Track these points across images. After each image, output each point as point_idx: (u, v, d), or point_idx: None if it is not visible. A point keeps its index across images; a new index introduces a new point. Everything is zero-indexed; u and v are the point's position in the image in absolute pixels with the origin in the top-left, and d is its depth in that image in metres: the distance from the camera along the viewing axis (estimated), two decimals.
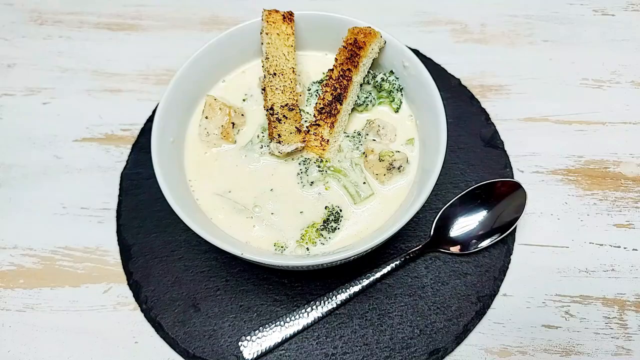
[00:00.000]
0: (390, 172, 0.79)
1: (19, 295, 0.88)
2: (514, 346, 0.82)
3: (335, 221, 0.76)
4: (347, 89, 0.80)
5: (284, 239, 0.75)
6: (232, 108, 0.83)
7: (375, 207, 0.78)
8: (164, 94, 0.79)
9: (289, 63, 0.82)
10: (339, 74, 0.81)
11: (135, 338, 0.84)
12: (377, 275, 0.84)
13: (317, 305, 0.83)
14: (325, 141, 0.79)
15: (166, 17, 1.18)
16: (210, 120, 0.82)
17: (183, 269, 0.88)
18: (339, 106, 0.80)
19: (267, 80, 0.80)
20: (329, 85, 0.81)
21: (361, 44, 0.81)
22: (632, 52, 1.08)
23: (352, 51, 0.81)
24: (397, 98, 0.85)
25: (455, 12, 1.15)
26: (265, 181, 0.80)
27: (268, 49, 0.81)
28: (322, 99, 0.80)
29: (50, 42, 1.16)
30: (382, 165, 0.78)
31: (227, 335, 0.83)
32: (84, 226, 0.93)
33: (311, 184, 0.78)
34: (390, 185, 0.79)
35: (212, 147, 0.82)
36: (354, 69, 0.80)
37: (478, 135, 0.98)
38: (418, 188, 0.75)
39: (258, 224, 0.76)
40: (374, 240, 0.69)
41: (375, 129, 0.82)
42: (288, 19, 0.83)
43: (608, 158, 0.97)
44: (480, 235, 0.86)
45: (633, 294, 0.85)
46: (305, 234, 0.75)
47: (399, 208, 0.77)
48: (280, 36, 0.82)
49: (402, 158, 0.78)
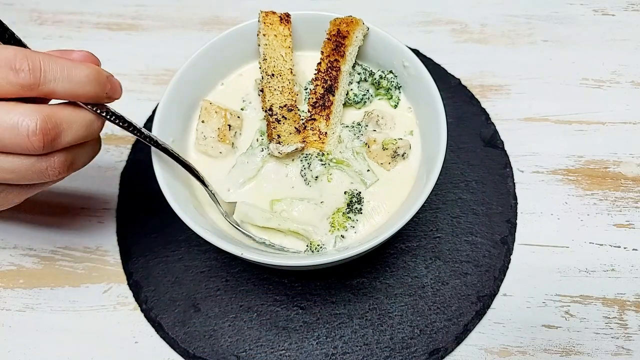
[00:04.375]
0: (394, 159, 0.79)
1: (19, 295, 0.88)
2: (514, 346, 0.82)
3: (358, 202, 0.76)
4: (337, 79, 0.81)
5: (315, 235, 0.75)
6: (227, 111, 0.83)
7: (388, 189, 0.79)
8: (164, 93, 0.79)
9: (286, 64, 0.82)
10: (327, 65, 0.81)
11: (135, 338, 0.84)
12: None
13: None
14: (324, 134, 0.79)
15: (166, 17, 1.18)
16: (207, 124, 0.82)
17: (183, 269, 0.88)
18: (331, 97, 0.80)
19: (265, 82, 0.80)
20: (319, 79, 0.81)
21: (345, 34, 0.81)
22: (632, 52, 1.08)
23: (337, 42, 0.81)
24: (395, 96, 0.85)
25: (455, 12, 1.15)
26: (273, 184, 0.80)
27: (266, 50, 0.82)
28: (314, 93, 0.81)
29: (50, 42, 1.15)
30: (386, 153, 0.79)
31: (227, 335, 0.83)
32: (84, 226, 0.93)
33: (316, 179, 0.78)
34: (396, 171, 0.80)
35: (210, 151, 0.82)
36: (341, 58, 0.81)
37: (478, 135, 0.98)
38: (417, 188, 0.75)
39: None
40: (373, 240, 0.69)
41: (374, 119, 0.82)
42: (285, 20, 0.83)
43: (608, 158, 0.96)
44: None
45: (633, 294, 0.85)
46: (333, 220, 0.75)
47: (411, 190, 0.78)
48: (278, 37, 0.82)
49: (405, 145, 0.79)
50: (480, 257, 0.87)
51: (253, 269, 0.87)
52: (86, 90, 0.59)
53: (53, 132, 0.57)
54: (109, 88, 0.62)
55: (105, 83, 0.61)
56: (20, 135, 0.55)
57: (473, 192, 0.92)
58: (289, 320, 0.83)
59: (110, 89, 0.62)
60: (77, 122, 0.60)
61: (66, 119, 0.59)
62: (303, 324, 0.83)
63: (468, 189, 0.93)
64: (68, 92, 0.58)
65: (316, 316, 0.83)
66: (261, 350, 0.82)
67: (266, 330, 0.83)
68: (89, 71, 0.59)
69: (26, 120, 0.55)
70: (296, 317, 0.84)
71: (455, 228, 0.89)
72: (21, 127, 0.55)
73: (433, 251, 0.88)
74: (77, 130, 0.60)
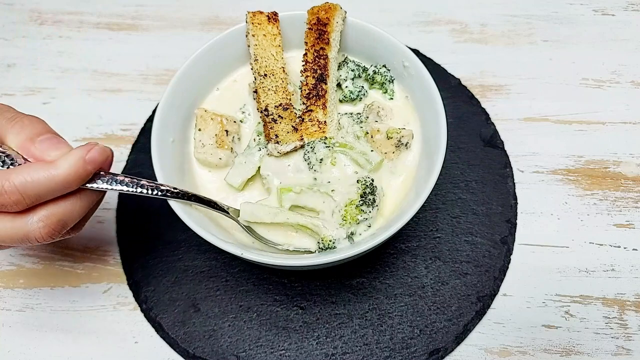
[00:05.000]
0: (398, 149, 0.79)
1: (19, 295, 0.88)
2: (514, 346, 0.82)
3: (371, 193, 0.74)
4: (326, 67, 0.81)
5: (325, 230, 0.73)
6: (223, 117, 0.83)
7: (397, 183, 0.79)
8: (164, 93, 0.79)
9: (278, 63, 0.82)
10: (314, 55, 0.81)
11: (135, 338, 0.84)
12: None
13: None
14: (323, 123, 0.79)
15: (166, 17, 1.18)
16: (204, 131, 0.82)
17: (183, 269, 0.88)
18: (324, 86, 0.80)
19: (259, 82, 0.80)
20: (308, 70, 0.81)
21: (325, 21, 0.82)
22: (632, 52, 1.08)
23: (319, 30, 0.82)
24: (390, 89, 0.85)
25: (455, 12, 1.15)
26: (277, 175, 0.78)
27: (256, 51, 0.82)
28: (305, 84, 0.81)
29: (50, 42, 1.15)
30: (390, 142, 0.79)
31: (227, 335, 0.83)
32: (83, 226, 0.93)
33: (320, 161, 0.77)
34: (399, 162, 0.80)
35: (209, 158, 0.81)
36: (327, 45, 0.81)
37: (478, 135, 0.98)
38: (417, 187, 0.75)
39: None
40: (373, 240, 0.69)
41: (375, 110, 0.82)
42: (273, 19, 0.83)
43: (608, 158, 0.96)
44: None
45: (633, 294, 0.85)
46: (345, 213, 0.74)
47: (412, 185, 0.78)
48: (267, 37, 0.82)
49: (408, 134, 0.79)
50: (480, 257, 0.87)
51: (253, 269, 0.87)
52: (71, 185, 0.61)
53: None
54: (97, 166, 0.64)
55: (89, 171, 0.63)
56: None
57: (473, 192, 0.92)
58: (288, 320, 0.83)
59: (97, 166, 0.64)
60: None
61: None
62: (303, 324, 0.83)
63: (468, 189, 0.93)
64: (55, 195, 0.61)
65: (316, 316, 0.83)
66: (261, 350, 0.82)
67: (266, 330, 0.83)
68: (68, 173, 0.60)
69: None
70: (296, 317, 0.84)
71: (455, 228, 0.89)
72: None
73: (433, 251, 0.88)
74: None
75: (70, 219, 0.63)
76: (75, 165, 0.60)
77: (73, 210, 0.63)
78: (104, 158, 0.64)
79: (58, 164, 0.60)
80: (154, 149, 0.74)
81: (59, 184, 0.59)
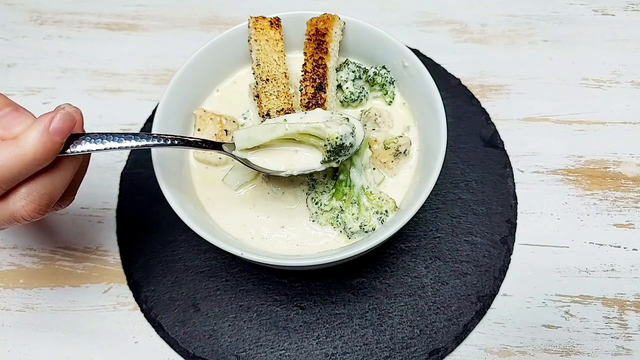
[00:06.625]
0: (397, 157, 0.79)
1: (19, 295, 0.88)
2: (514, 346, 0.82)
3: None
4: (325, 76, 0.81)
5: (328, 129, 0.70)
6: (222, 116, 0.83)
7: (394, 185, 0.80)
8: (164, 93, 0.79)
9: (280, 68, 0.82)
10: (313, 65, 0.82)
11: (135, 338, 0.84)
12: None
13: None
14: None
15: (166, 17, 1.18)
16: (203, 131, 0.82)
17: (183, 269, 0.88)
18: (323, 95, 0.81)
19: (260, 87, 0.80)
20: (307, 79, 0.81)
21: (324, 31, 0.82)
22: (632, 52, 1.08)
23: (318, 40, 0.82)
24: (390, 91, 0.85)
25: (455, 12, 1.15)
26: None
27: (258, 56, 0.82)
28: (304, 94, 0.81)
29: (50, 42, 1.16)
30: (388, 152, 0.79)
31: (227, 335, 0.83)
32: (84, 226, 0.93)
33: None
34: (399, 173, 0.80)
35: (209, 158, 0.81)
36: (325, 55, 0.82)
37: (478, 135, 0.98)
38: (417, 188, 0.75)
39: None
40: (373, 240, 0.69)
41: (372, 117, 0.82)
42: (275, 24, 0.83)
43: (608, 158, 0.96)
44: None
45: (633, 294, 0.85)
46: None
47: (411, 187, 0.79)
48: (270, 42, 0.83)
49: (405, 142, 0.79)
50: (480, 257, 0.87)
51: (253, 269, 0.87)
52: (44, 161, 0.57)
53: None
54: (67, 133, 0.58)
55: (58, 142, 0.57)
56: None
57: (473, 192, 0.92)
58: (288, 320, 0.84)
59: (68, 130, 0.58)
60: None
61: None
62: (303, 324, 0.83)
63: (468, 189, 0.93)
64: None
65: (316, 316, 0.84)
66: (261, 350, 0.82)
67: (266, 330, 0.83)
68: (35, 151, 0.55)
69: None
70: (296, 317, 0.84)
71: (455, 228, 0.89)
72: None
73: (433, 251, 0.88)
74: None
75: (55, 191, 0.59)
76: (41, 140, 0.55)
77: (54, 181, 0.59)
78: (71, 124, 0.58)
79: (22, 142, 0.55)
80: (154, 149, 0.74)
81: (29, 163, 0.55)
